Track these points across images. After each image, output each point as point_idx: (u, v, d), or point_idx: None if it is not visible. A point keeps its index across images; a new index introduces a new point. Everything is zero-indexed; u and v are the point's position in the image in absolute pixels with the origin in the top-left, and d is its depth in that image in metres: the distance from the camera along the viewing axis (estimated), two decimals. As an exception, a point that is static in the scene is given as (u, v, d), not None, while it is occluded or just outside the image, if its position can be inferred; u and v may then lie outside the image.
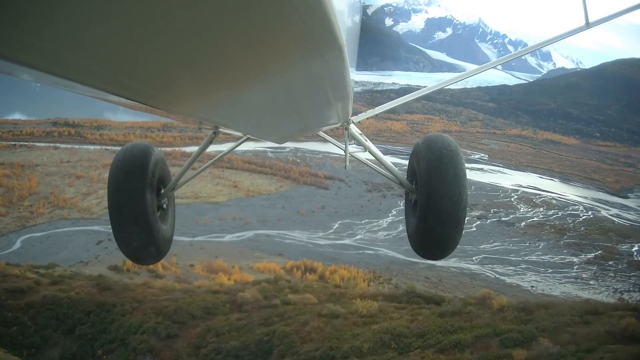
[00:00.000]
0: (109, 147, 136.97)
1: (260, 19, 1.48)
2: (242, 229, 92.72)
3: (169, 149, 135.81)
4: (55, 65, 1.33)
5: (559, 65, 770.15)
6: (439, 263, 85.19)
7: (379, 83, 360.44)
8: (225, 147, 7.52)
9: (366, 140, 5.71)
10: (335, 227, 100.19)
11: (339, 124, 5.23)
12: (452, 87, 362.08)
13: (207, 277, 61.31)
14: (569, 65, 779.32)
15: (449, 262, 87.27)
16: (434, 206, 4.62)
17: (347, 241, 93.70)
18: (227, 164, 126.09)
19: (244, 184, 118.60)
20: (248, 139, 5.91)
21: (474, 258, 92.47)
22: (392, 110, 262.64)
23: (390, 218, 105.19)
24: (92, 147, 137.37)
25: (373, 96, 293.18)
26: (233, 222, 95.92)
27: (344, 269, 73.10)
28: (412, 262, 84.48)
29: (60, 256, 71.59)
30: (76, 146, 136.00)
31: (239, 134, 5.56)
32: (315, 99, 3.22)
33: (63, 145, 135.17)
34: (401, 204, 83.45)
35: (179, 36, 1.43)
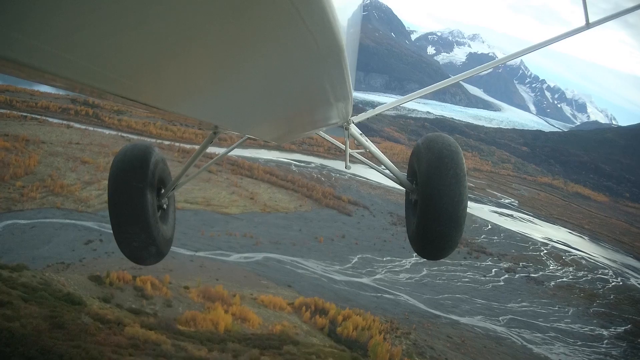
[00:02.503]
0: (124, 135, 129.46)
1: (259, 18, 1.50)
2: (251, 250, 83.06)
3: (188, 147, 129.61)
4: (55, 65, 1.33)
5: (592, 118, 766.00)
6: (463, 320, 79.06)
7: (414, 110, 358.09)
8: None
9: (367, 141, 5.67)
10: (354, 261, 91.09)
11: (340, 124, 5.20)
12: (487, 125, 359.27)
13: (201, 305, 52.90)
14: (603, 119, 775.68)
15: (473, 321, 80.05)
16: (434, 206, 4.58)
17: (365, 280, 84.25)
18: (247, 172, 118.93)
19: (262, 197, 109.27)
20: (248, 139, 5.95)
21: (500, 318, 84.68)
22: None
23: (414, 259, 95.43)
24: (107, 132, 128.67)
25: (407, 122, 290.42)
26: (242, 240, 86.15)
27: (358, 314, 64.58)
28: (434, 315, 77.35)
29: (41, 252, 62.67)
30: (90, 128, 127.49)
31: (239, 133, 5.62)
32: (316, 98, 3.25)
33: (77, 125, 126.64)
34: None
35: (179, 36, 1.44)
